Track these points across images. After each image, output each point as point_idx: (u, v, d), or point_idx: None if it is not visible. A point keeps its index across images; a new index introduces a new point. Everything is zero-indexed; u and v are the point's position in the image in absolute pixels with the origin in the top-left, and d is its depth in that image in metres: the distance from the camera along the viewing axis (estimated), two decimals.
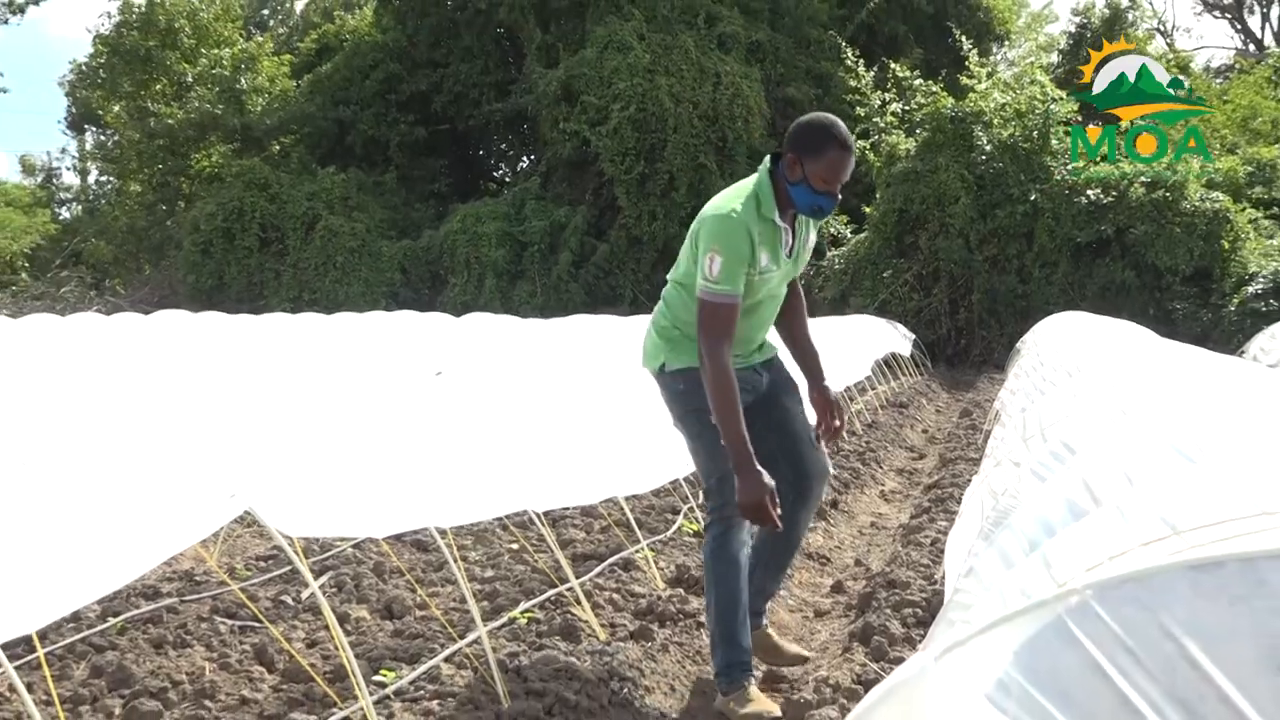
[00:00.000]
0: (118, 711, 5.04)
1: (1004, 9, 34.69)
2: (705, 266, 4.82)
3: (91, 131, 46.49)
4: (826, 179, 4.82)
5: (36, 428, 5.31)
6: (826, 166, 4.80)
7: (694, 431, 5.16)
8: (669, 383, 5.23)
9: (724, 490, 4.98)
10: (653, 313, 5.46)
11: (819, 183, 4.82)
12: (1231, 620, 1.74)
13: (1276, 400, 3.54)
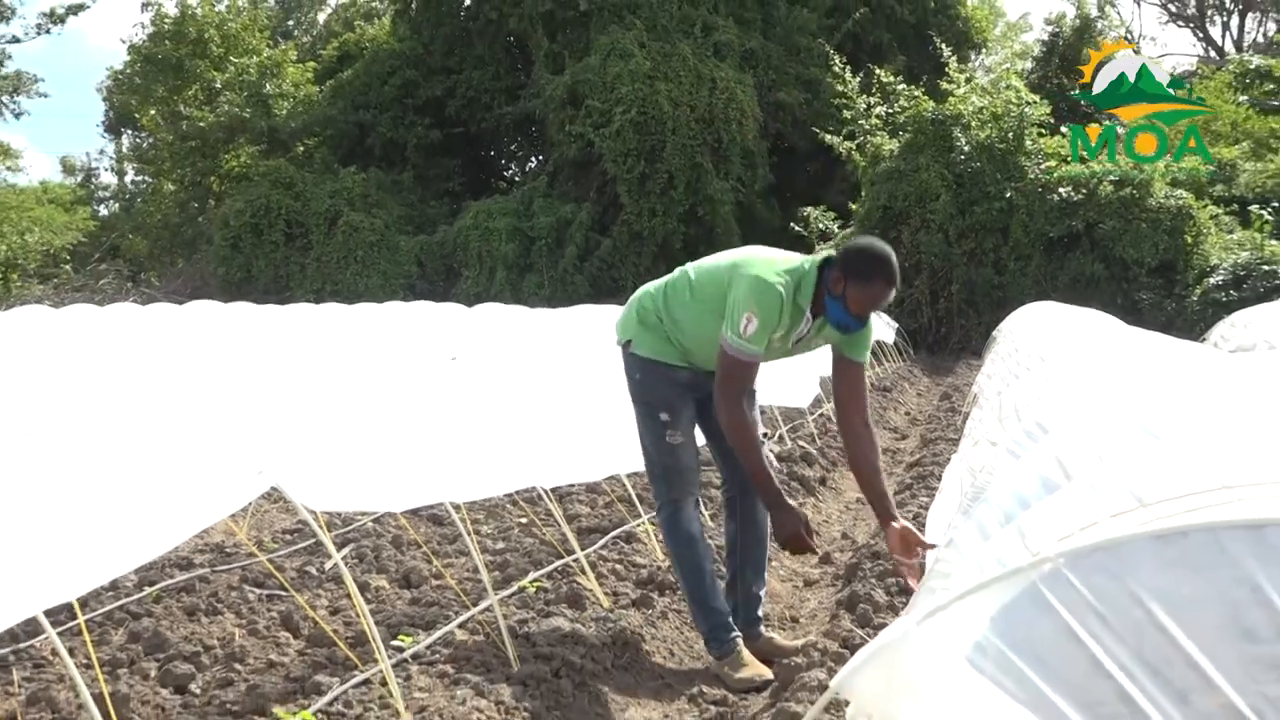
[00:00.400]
0: (153, 674, 5.04)
1: (981, 19, 34.68)
2: (741, 324, 4.72)
3: (128, 134, 46.44)
4: (863, 306, 4.79)
5: (78, 408, 5.30)
6: (868, 297, 4.76)
7: (642, 423, 5.23)
8: (630, 363, 5.22)
9: (668, 479, 5.19)
10: (639, 294, 5.39)
11: (855, 306, 4.77)
12: (1195, 587, 1.74)
13: (1236, 383, 3.53)
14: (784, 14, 31.60)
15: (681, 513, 5.19)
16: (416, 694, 4.54)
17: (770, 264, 4.91)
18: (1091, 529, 1.85)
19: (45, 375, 7.60)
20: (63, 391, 6.40)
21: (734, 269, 4.93)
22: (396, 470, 5.17)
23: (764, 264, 4.90)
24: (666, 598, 6.15)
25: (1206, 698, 1.65)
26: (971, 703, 1.74)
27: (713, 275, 5.06)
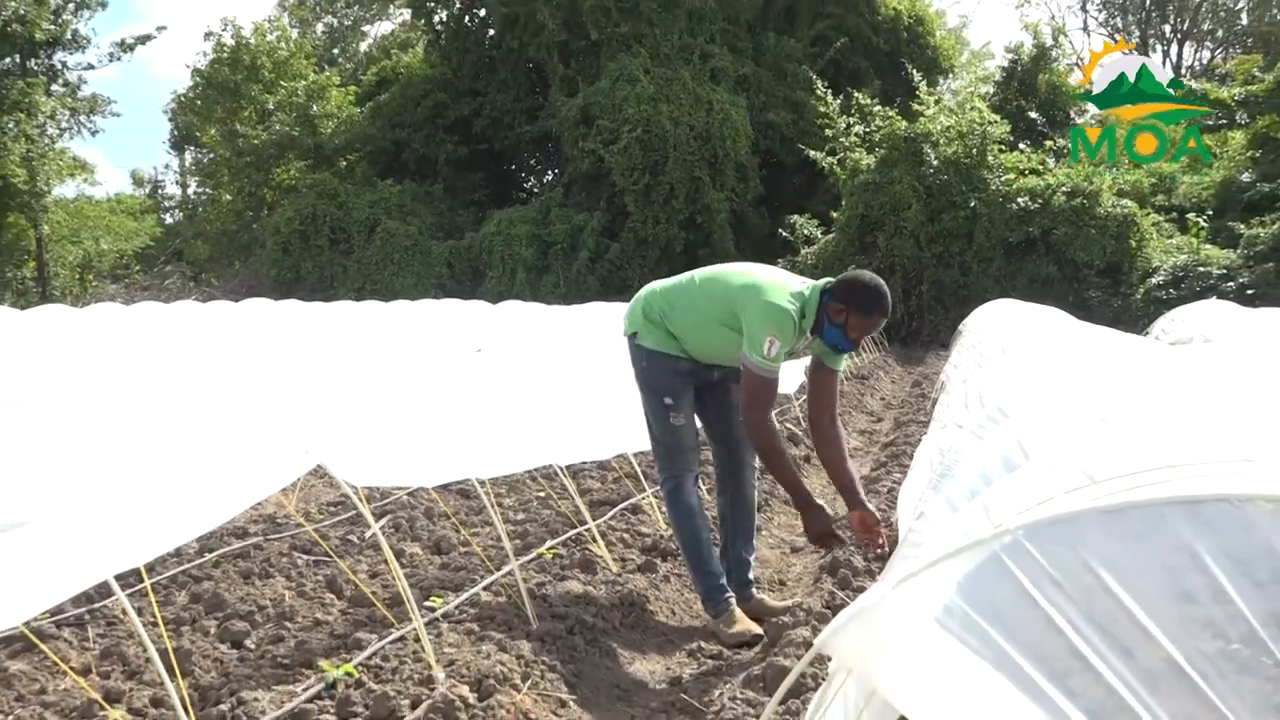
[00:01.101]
0: (213, 631, 5.05)
1: (948, 48, 34.65)
2: (764, 347, 4.74)
3: (190, 150, 46.53)
4: (861, 333, 4.93)
5: (147, 394, 5.32)
6: (867, 326, 4.89)
7: (648, 407, 5.23)
8: (636, 353, 5.20)
9: (671, 457, 5.23)
10: (646, 292, 5.36)
11: (854, 333, 4.88)
12: (1139, 556, 1.74)
13: (1175, 373, 3.53)
14: (773, 43, 31.61)
15: (683, 488, 5.20)
16: (446, 649, 4.54)
17: (778, 288, 4.90)
18: (1047, 504, 1.85)
19: (118, 364, 7.61)
20: (133, 378, 6.41)
21: (744, 291, 4.91)
22: (428, 449, 5.18)
23: (774, 288, 4.89)
24: (668, 563, 6.16)
25: (1149, 653, 1.64)
26: (940, 658, 1.74)
27: (717, 289, 5.05)
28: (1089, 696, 1.64)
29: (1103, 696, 1.63)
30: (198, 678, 4.49)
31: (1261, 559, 1.69)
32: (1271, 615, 1.65)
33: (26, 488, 3.26)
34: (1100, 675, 1.64)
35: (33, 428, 4.14)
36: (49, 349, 9.19)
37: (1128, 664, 1.64)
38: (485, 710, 3.91)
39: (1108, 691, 1.63)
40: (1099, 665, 1.64)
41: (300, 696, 4.08)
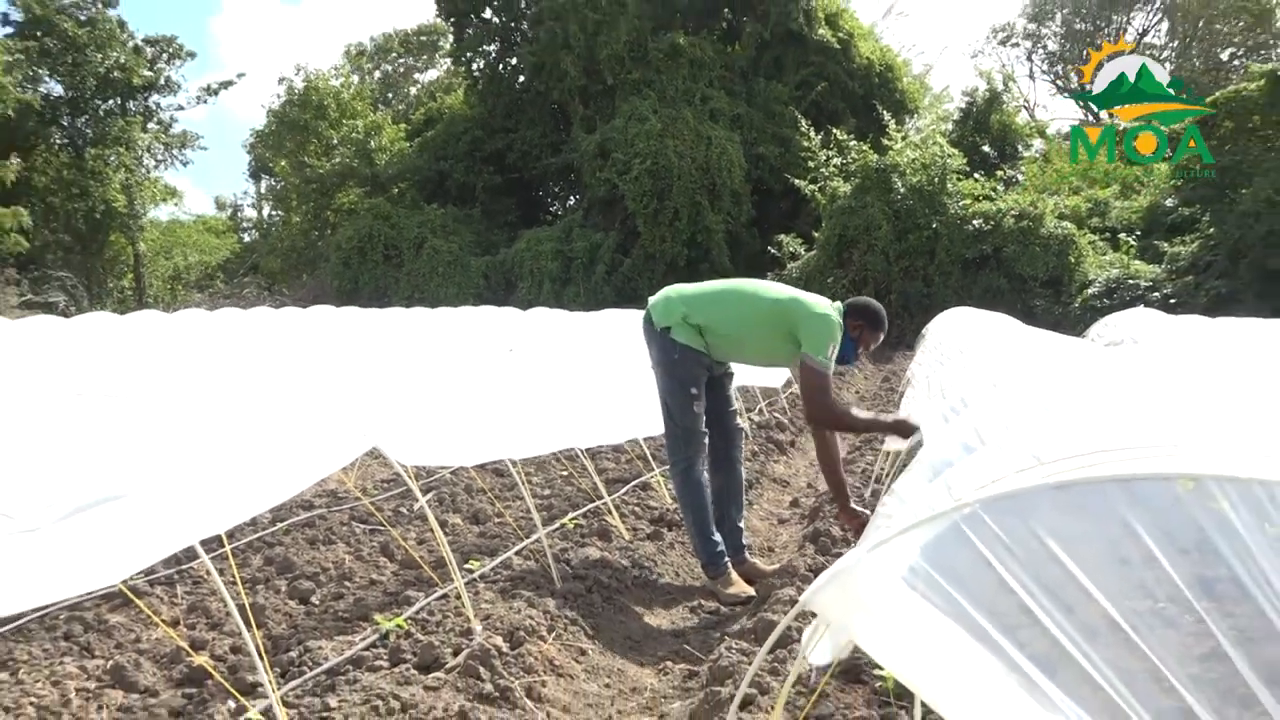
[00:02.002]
0: (283, 589, 5.05)
1: (914, 91, 34.56)
2: (828, 351, 4.88)
3: (265, 178, 46.63)
4: (867, 346, 5.14)
5: (227, 384, 5.32)
6: (875, 340, 5.14)
7: (673, 394, 5.17)
8: (669, 346, 5.13)
9: (688, 439, 5.18)
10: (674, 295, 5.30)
11: (863, 346, 5.12)
12: (1081, 526, 1.74)
13: (1109, 370, 3.51)
14: (763, 88, 31.58)
15: (694, 467, 5.19)
16: (483, 605, 4.54)
17: (821, 304, 5.08)
18: (1001, 481, 1.83)
19: (202, 360, 7.62)
20: (215, 372, 6.42)
21: (796, 305, 5.05)
22: (468, 433, 5.18)
23: (819, 304, 5.06)
24: (673, 533, 6.16)
25: (1088, 610, 1.64)
26: (907, 613, 1.74)
27: (763, 304, 5.13)
28: (1036, 647, 1.64)
29: (1048, 647, 1.63)
30: (270, 629, 4.50)
31: (1186, 530, 1.68)
32: (1195, 578, 1.65)
33: (124, 465, 3.26)
34: (1046, 629, 1.64)
35: (129, 412, 4.14)
36: (143, 347, 9.20)
37: (1070, 619, 1.64)
38: (516, 658, 3.91)
39: (1052, 643, 1.63)
40: (1045, 620, 1.64)
41: (358, 645, 4.09)
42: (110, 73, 37.84)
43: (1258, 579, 1.58)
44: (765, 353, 5.31)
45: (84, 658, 4.23)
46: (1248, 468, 1.63)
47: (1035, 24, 50.30)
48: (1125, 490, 1.73)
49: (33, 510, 2.81)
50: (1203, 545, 1.65)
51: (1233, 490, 1.64)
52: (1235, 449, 1.78)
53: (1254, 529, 1.61)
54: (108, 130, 38.24)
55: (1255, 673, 1.59)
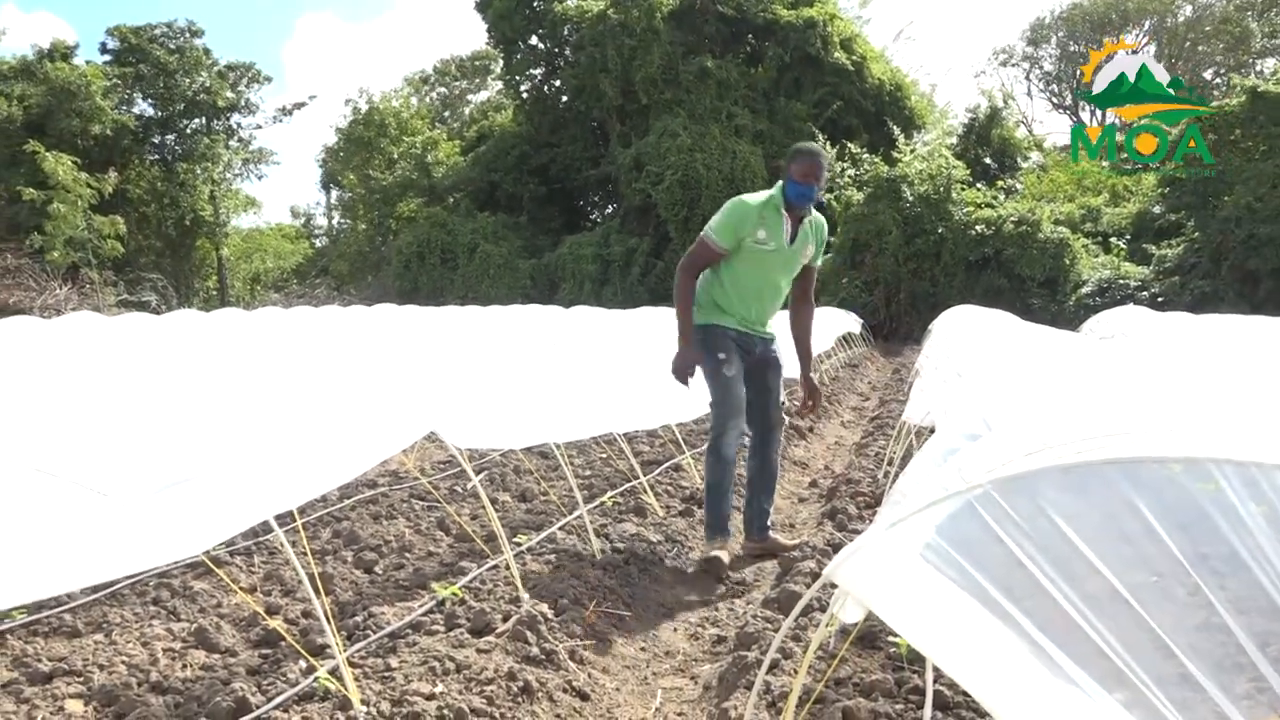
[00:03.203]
0: (350, 560, 5.06)
1: (921, 108, 34.30)
2: (712, 221, 4.97)
3: (334, 190, 46.94)
4: (802, 175, 4.85)
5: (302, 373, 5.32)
6: (802, 169, 4.86)
7: (706, 366, 4.97)
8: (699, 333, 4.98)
9: (719, 408, 4.98)
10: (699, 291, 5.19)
11: (798, 176, 4.86)
12: (1085, 504, 1.71)
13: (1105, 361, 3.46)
14: (783, 106, 31.47)
15: (724, 438, 4.99)
16: (530, 575, 4.52)
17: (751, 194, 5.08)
18: (1010, 464, 1.79)
19: (278, 351, 7.65)
20: (290, 362, 6.43)
21: None
22: (516, 419, 5.16)
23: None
24: (702, 510, 6.11)
25: (1093, 582, 1.61)
26: (923, 585, 1.70)
27: None
28: (1044, 616, 1.61)
29: (1056, 617, 1.60)
30: (338, 596, 4.50)
31: (1186, 509, 1.65)
32: (1195, 555, 1.62)
33: (207, 445, 3.27)
34: (1054, 600, 1.61)
35: (213, 398, 4.15)
36: (226, 341, 9.26)
37: (1077, 591, 1.60)
38: (561, 623, 3.89)
39: (1060, 613, 1.59)
40: (1053, 591, 1.61)
41: (417, 611, 4.07)
42: (197, 95, 38.24)
43: (1256, 555, 1.55)
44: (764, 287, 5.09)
45: (170, 620, 4.25)
46: (1245, 451, 1.58)
47: (1033, 46, 49.88)
48: (1129, 471, 1.69)
49: (127, 486, 2.81)
50: (1202, 523, 1.61)
51: (1232, 472, 1.60)
52: (1231, 433, 1.73)
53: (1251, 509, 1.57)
54: (195, 147, 38.65)
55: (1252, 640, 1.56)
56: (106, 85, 34.72)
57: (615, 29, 30.49)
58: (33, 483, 2.77)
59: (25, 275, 26.20)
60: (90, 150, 33.01)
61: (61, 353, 7.16)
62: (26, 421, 3.48)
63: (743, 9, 31.48)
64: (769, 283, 5.04)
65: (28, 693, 3.45)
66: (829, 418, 10.78)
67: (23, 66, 34.27)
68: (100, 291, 27.90)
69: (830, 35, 31.50)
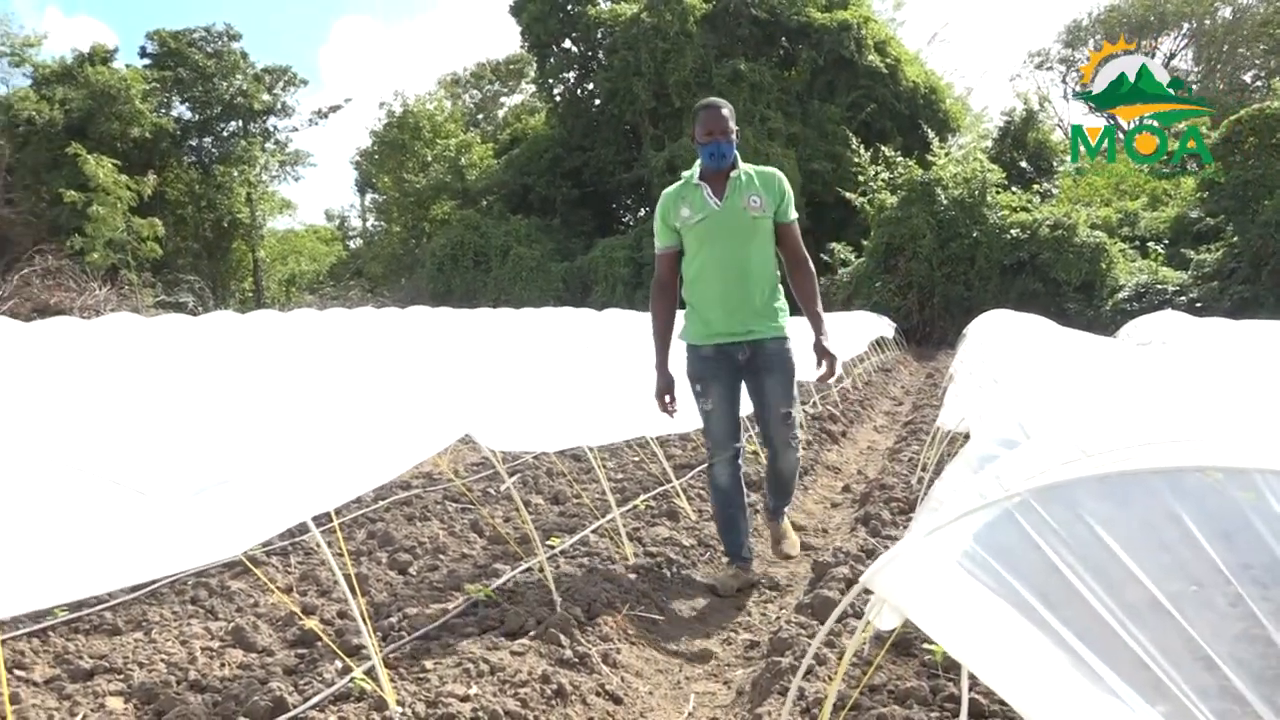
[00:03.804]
0: (384, 561, 5.09)
1: (956, 111, 34.14)
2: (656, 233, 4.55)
3: (369, 192, 47.27)
4: (703, 131, 4.36)
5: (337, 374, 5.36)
6: (702, 125, 4.36)
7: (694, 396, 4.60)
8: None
9: (706, 437, 4.64)
10: None
11: (700, 136, 4.37)
12: (1124, 512, 1.69)
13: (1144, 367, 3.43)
14: (817, 109, 31.40)
15: (714, 467, 4.60)
16: (563, 578, 4.53)
17: None
18: (1049, 472, 1.78)
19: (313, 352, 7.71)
20: (325, 363, 6.48)
21: None
22: (550, 422, 5.17)
23: None
24: None
25: (1132, 590, 1.59)
26: (961, 593, 1.70)
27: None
28: (1083, 625, 1.60)
29: (1095, 626, 1.59)
30: (373, 596, 4.53)
31: (1228, 519, 1.63)
32: (1237, 563, 1.60)
33: (244, 446, 3.30)
34: (1092, 607, 1.59)
35: (250, 399, 4.20)
36: (262, 342, 9.34)
37: (1116, 600, 1.59)
38: (593, 626, 3.89)
39: (1099, 622, 1.58)
40: (1092, 600, 1.60)
41: (451, 612, 4.10)
42: (234, 99, 38.63)
43: None
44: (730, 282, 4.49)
45: (208, 619, 4.29)
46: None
47: (1069, 49, 49.41)
48: (1171, 480, 1.68)
49: (166, 486, 2.84)
50: (1244, 532, 1.59)
51: (1275, 481, 1.58)
52: (1274, 441, 1.72)
53: None
54: (231, 150, 39.06)
55: None
56: (146, 89, 35.16)
57: (648, 32, 30.53)
58: (74, 482, 2.81)
59: (66, 276, 26.54)
60: (130, 153, 33.42)
61: (101, 354, 7.24)
62: (68, 421, 3.53)
63: (776, 12, 31.44)
64: (725, 261, 4.41)
65: (69, 689, 3.50)
66: (861, 422, 10.74)
67: (64, 70, 34.75)
68: (139, 293, 28.23)
69: (864, 38, 31.40)
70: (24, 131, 32.49)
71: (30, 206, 31.67)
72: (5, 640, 3.81)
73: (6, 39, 34.94)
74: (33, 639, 3.97)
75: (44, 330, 8.92)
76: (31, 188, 32.11)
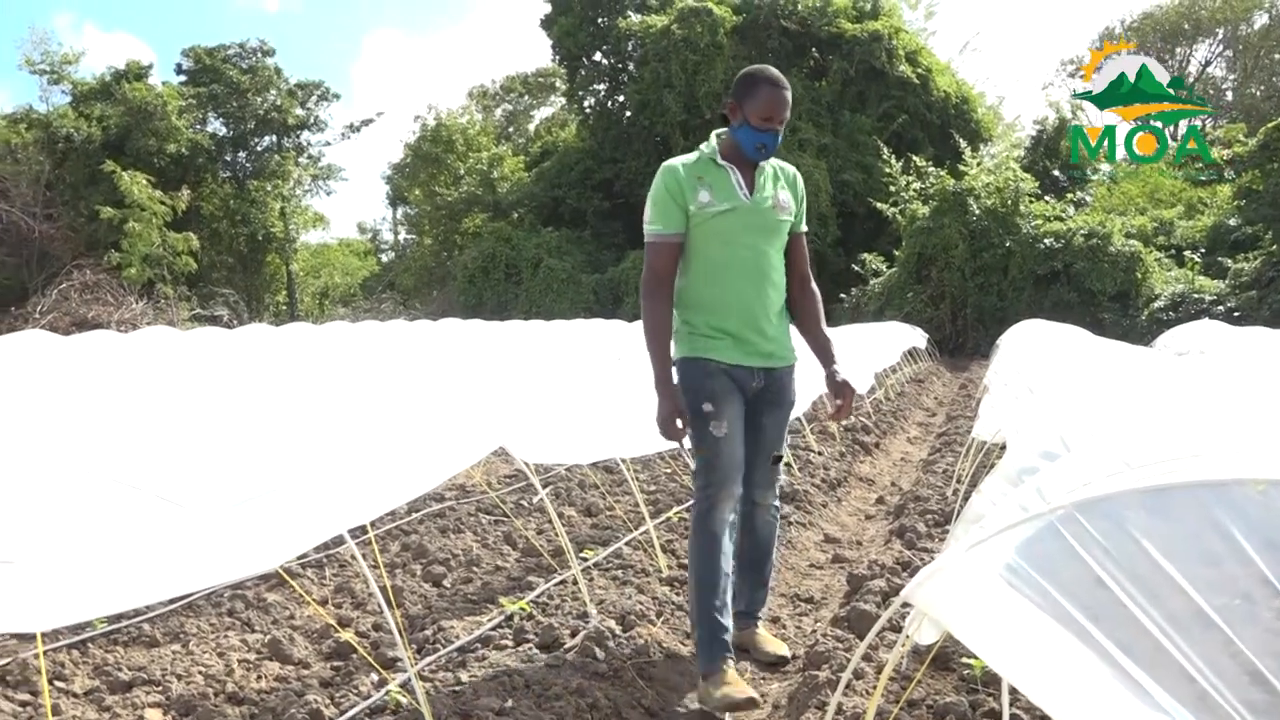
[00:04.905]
0: (419, 573, 5.10)
1: (988, 121, 33.96)
2: (648, 215, 3.59)
3: (401, 206, 47.58)
4: (764, 113, 3.53)
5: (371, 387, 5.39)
6: (763, 104, 3.53)
7: (692, 419, 3.58)
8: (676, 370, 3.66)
9: (707, 472, 3.56)
10: None
11: (757, 120, 3.53)
12: (1169, 525, 1.67)
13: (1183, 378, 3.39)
14: (848, 119, 31.35)
15: (714, 513, 3.53)
16: (597, 590, 4.53)
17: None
18: (1092, 485, 1.76)
19: (347, 365, 7.76)
20: (360, 376, 6.52)
21: None
22: (582, 434, 5.18)
23: None
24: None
25: (1179, 603, 1.57)
26: (1003, 607, 1.68)
27: None
28: (1128, 638, 1.58)
29: (1142, 640, 1.57)
30: (408, 609, 4.54)
31: (1271, 529, 1.61)
32: None
33: (280, 459, 3.32)
34: (1138, 620, 1.57)
35: (285, 411, 4.22)
36: (296, 355, 9.41)
37: (1164, 614, 1.57)
38: (628, 639, 3.88)
39: (1146, 636, 1.56)
40: (1137, 613, 1.58)
41: (485, 625, 4.10)
42: (268, 114, 39.00)
43: None
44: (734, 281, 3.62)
45: (245, 632, 4.32)
46: None
47: None
48: (1219, 493, 1.66)
49: (204, 499, 2.86)
50: None
51: None
52: None
53: None
54: (265, 164, 39.43)
55: None
56: (182, 105, 35.58)
57: (679, 44, 30.59)
58: (112, 495, 2.84)
59: (103, 290, 26.89)
60: (165, 169, 33.80)
61: (138, 366, 7.32)
62: (106, 434, 3.57)
63: (807, 23, 31.43)
64: (749, 266, 3.60)
65: (109, 701, 3.53)
66: (894, 433, 10.68)
67: (102, 87, 35.22)
68: (174, 306, 28.52)
69: (895, 48, 31.32)
70: (63, 148, 32.96)
71: (69, 222, 32.10)
72: (46, 651, 3.85)
73: (46, 57, 35.44)
74: (72, 650, 4.01)
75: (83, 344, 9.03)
76: (70, 203, 32.55)
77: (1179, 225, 25.43)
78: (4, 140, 32.47)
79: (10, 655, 3.86)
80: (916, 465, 8.65)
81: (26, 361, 7.64)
